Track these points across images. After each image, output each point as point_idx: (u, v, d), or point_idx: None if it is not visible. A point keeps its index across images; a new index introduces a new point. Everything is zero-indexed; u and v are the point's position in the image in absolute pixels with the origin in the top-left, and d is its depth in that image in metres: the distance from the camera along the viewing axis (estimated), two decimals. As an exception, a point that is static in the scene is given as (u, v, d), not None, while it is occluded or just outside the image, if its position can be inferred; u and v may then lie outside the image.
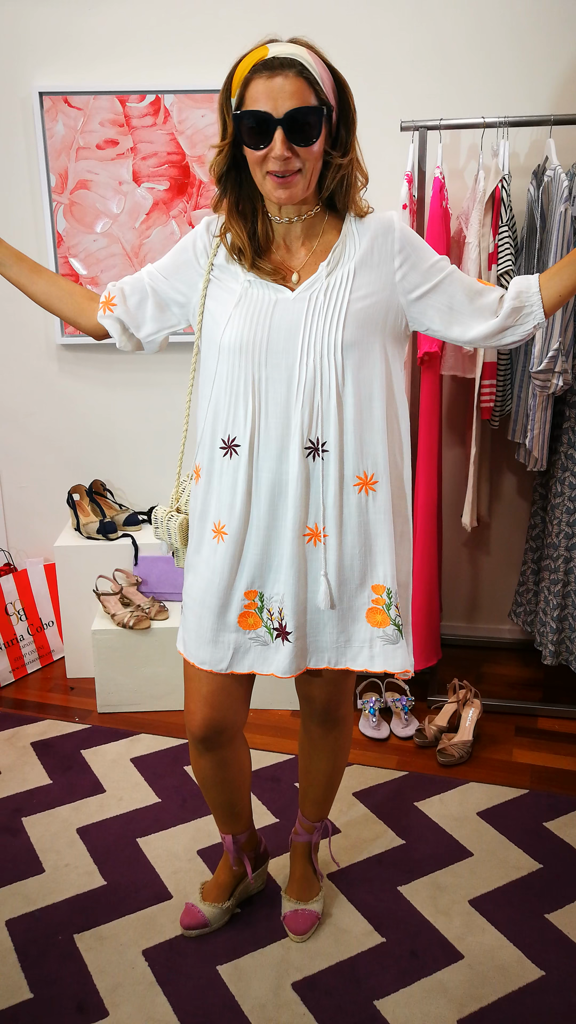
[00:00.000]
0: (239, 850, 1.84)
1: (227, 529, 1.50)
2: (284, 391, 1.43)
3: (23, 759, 2.45)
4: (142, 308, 1.56)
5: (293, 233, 1.46)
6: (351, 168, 1.42)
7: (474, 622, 3.10)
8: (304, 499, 1.46)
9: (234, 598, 1.54)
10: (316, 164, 1.37)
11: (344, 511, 1.48)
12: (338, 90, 1.37)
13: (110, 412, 3.01)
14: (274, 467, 1.46)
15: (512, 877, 2.00)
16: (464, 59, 2.57)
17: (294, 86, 1.29)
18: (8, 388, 3.02)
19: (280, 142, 1.31)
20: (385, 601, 1.52)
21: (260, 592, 1.53)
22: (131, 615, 2.65)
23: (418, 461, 2.52)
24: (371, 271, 1.44)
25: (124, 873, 2.01)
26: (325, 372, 1.42)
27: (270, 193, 1.38)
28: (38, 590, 3.02)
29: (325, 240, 1.46)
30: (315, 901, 1.87)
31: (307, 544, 1.49)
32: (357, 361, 1.43)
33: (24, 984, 1.72)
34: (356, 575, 1.51)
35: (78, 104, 2.69)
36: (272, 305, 1.43)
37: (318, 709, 1.70)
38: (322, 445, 1.45)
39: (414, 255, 1.46)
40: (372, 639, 1.54)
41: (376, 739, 2.54)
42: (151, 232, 2.80)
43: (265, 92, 1.30)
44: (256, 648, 1.56)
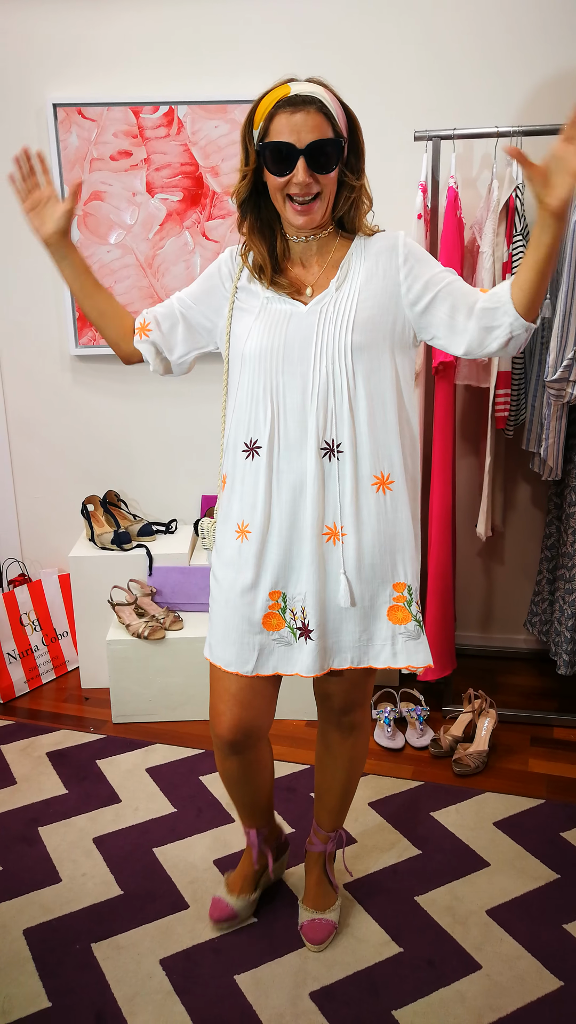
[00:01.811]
0: (263, 842, 1.90)
1: (250, 528, 1.57)
2: (300, 395, 1.52)
3: (39, 769, 2.46)
4: (173, 332, 1.67)
5: (308, 251, 1.58)
6: (360, 192, 1.55)
7: (489, 632, 3.10)
8: (321, 498, 1.53)
9: (259, 598, 1.59)
10: (332, 188, 1.50)
11: (363, 510, 1.54)
12: (349, 124, 1.51)
13: (124, 423, 3.02)
14: (293, 467, 1.54)
15: (529, 887, 1.99)
16: (477, 69, 2.58)
17: (315, 121, 1.43)
18: (23, 399, 3.04)
19: (303, 170, 1.44)
20: (407, 598, 1.58)
21: (283, 592, 1.59)
22: (146, 625, 2.66)
23: (432, 470, 2.52)
24: (377, 283, 1.53)
25: (141, 883, 2.01)
26: (337, 376, 1.51)
27: (292, 219, 1.50)
28: (52, 601, 3.03)
29: (336, 257, 1.57)
30: (331, 910, 1.86)
31: (326, 543, 1.55)
32: (367, 366, 1.51)
33: (42, 993, 1.72)
34: (378, 573, 1.57)
35: (92, 116, 2.72)
36: (288, 318, 1.54)
37: (335, 709, 1.71)
38: (337, 446, 1.52)
39: (418, 267, 1.54)
40: (394, 636, 1.59)
41: (391, 749, 2.54)
42: (165, 243, 2.82)
43: (288, 126, 1.43)
44: (280, 649, 1.60)
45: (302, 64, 2.64)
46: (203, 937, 1.85)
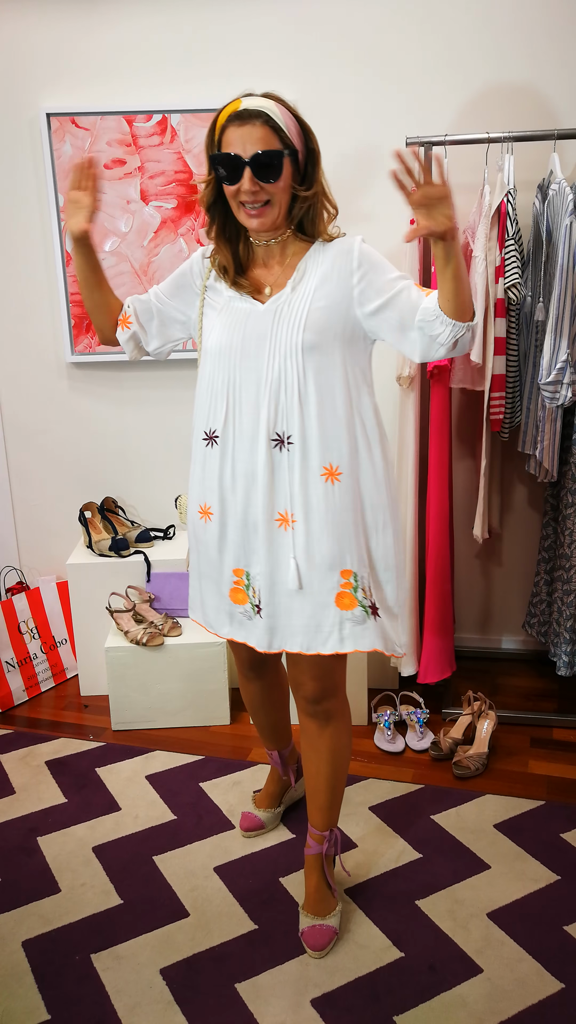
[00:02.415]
0: (284, 763, 2.16)
1: (212, 510, 1.73)
2: (254, 389, 1.64)
3: (38, 778, 2.46)
4: (150, 326, 1.83)
5: (269, 253, 1.69)
6: (317, 199, 1.63)
7: (488, 634, 3.10)
8: (271, 487, 1.65)
9: (224, 574, 1.75)
10: (283, 196, 1.59)
11: (312, 499, 1.64)
12: (304, 135, 1.61)
13: (121, 429, 3.03)
14: (247, 457, 1.66)
15: (530, 889, 1.98)
16: (468, 75, 2.59)
17: (260, 133, 1.54)
18: (19, 406, 3.04)
19: (248, 179, 1.55)
20: (353, 584, 1.67)
21: (246, 571, 1.73)
22: (144, 632, 2.66)
23: (429, 473, 2.53)
24: (331, 285, 1.63)
25: (141, 891, 2.01)
26: (288, 372, 1.62)
27: (245, 222, 1.62)
28: (51, 608, 3.03)
29: (295, 260, 1.68)
30: (332, 916, 1.86)
31: (278, 529, 1.66)
32: (317, 364, 1.62)
33: (41, 1005, 1.72)
34: (325, 560, 1.66)
35: (85, 125, 2.73)
36: (247, 316, 1.66)
37: (308, 698, 1.78)
38: (288, 438, 1.63)
39: (371, 272, 1.63)
40: (342, 622, 1.67)
41: (391, 752, 2.54)
42: (159, 250, 2.82)
43: (236, 138, 1.55)
44: (245, 621, 1.76)
45: (295, 72, 2.66)
46: (204, 946, 1.85)
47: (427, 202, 1.45)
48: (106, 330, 1.85)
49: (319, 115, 2.66)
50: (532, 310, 2.43)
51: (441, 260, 1.52)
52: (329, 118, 2.67)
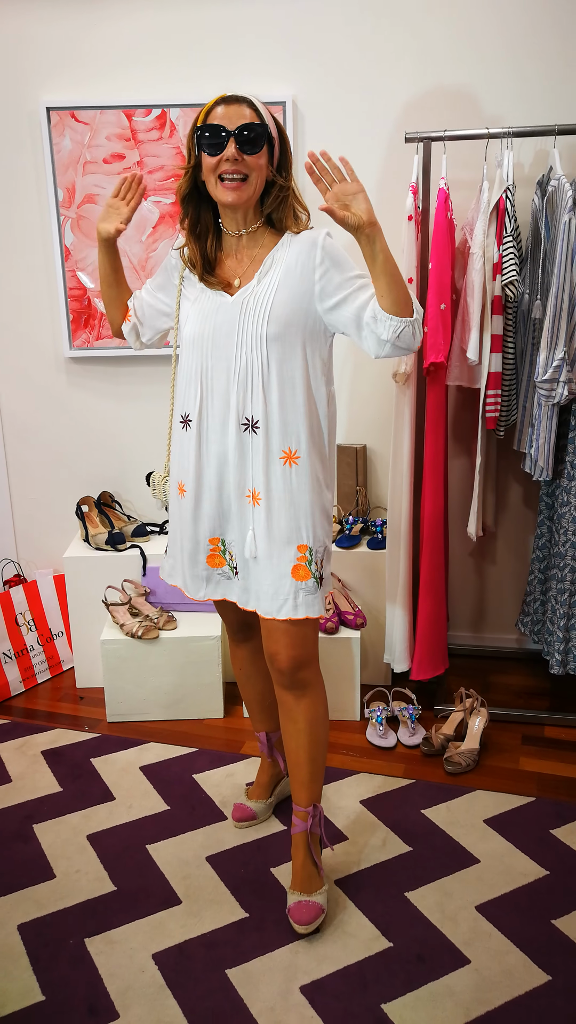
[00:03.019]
0: (272, 747, 2.21)
1: (186, 487, 1.86)
2: (224, 377, 1.76)
3: (34, 767, 2.48)
4: (144, 318, 1.98)
5: (240, 244, 1.78)
6: (289, 195, 1.74)
7: (481, 631, 3.11)
8: (240, 466, 1.78)
9: (200, 543, 1.88)
10: (259, 175, 1.69)
11: (272, 479, 1.77)
12: (279, 136, 1.72)
13: (118, 424, 3.04)
14: (219, 439, 1.79)
15: (519, 883, 2.00)
16: (468, 70, 2.60)
17: (246, 111, 1.66)
18: (17, 400, 3.06)
19: (231, 147, 1.64)
20: (308, 558, 1.80)
21: (222, 538, 1.87)
22: (140, 625, 2.67)
23: (424, 470, 2.54)
24: (294, 279, 1.72)
25: (134, 879, 2.03)
26: (254, 361, 1.73)
27: (221, 196, 1.69)
28: (48, 601, 3.05)
29: (263, 252, 1.77)
30: (318, 894, 1.90)
31: (248, 504, 1.80)
32: (280, 353, 1.72)
33: (36, 987, 1.74)
34: (283, 535, 1.79)
35: (85, 119, 2.74)
36: (217, 307, 1.76)
37: (284, 669, 1.85)
38: (255, 422, 1.75)
39: (333, 269, 1.71)
40: (296, 591, 1.80)
41: (383, 747, 2.55)
42: (157, 245, 2.84)
43: (223, 114, 1.66)
44: (224, 581, 1.91)
45: (293, 66, 2.67)
46: (195, 932, 1.87)
47: (342, 198, 1.58)
48: (116, 323, 2.02)
49: (316, 110, 2.69)
50: (530, 307, 2.45)
51: (367, 255, 1.61)
52: (327, 113, 2.69)
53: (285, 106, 2.66)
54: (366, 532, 2.90)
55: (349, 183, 1.58)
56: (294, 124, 2.69)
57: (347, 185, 1.58)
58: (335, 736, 2.59)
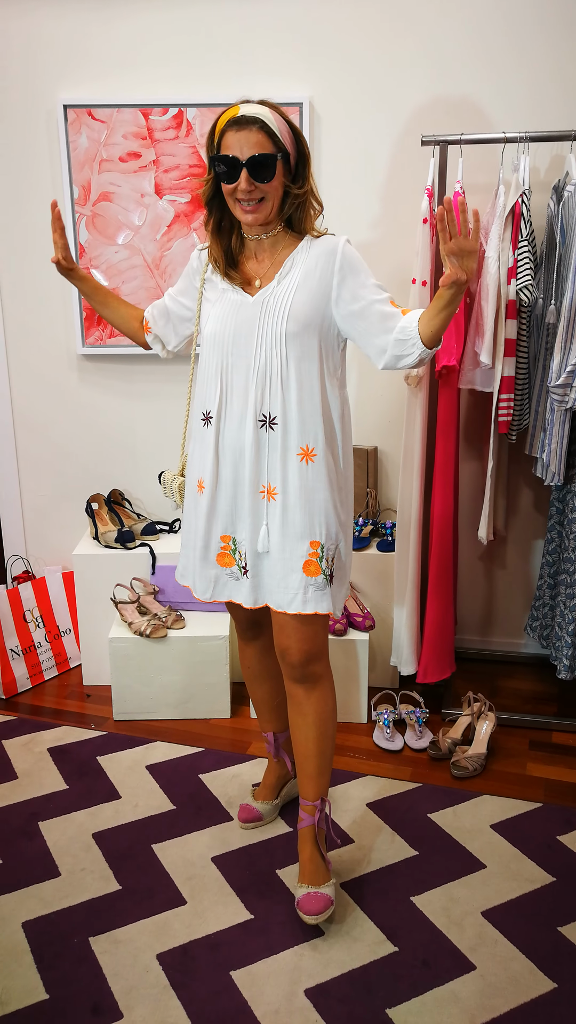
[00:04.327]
0: (279, 747, 2.22)
1: (205, 484, 1.87)
2: (244, 374, 1.80)
3: (40, 764, 2.48)
4: (167, 326, 2.01)
5: (261, 248, 1.84)
6: (306, 197, 1.78)
7: (489, 636, 3.11)
8: (256, 462, 1.81)
9: (212, 540, 1.90)
10: (276, 194, 1.75)
11: (288, 475, 1.80)
12: (295, 139, 1.75)
13: (130, 422, 3.04)
14: (236, 435, 1.82)
15: (525, 890, 2.00)
16: (485, 73, 2.60)
17: (256, 138, 1.69)
18: (29, 397, 3.06)
19: (244, 179, 1.70)
20: (319, 555, 1.83)
21: (233, 537, 1.88)
22: (148, 624, 2.67)
23: (435, 473, 2.54)
24: (313, 282, 1.77)
25: (139, 878, 2.03)
26: (273, 359, 1.77)
27: (241, 217, 1.77)
28: (56, 598, 3.05)
29: (284, 254, 1.82)
30: (327, 885, 1.90)
31: (262, 500, 1.83)
32: (298, 352, 1.77)
33: (40, 985, 1.74)
34: (297, 530, 1.81)
35: (102, 117, 2.74)
36: (238, 307, 1.81)
37: (294, 663, 1.87)
38: (272, 419, 1.79)
39: (351, 277, 1.77)
40: (306, 586, 1.82)
41: (390, 751, 2.55)
42: (172, 244, 2.84)
43: (234, 142, 1.69)
44: (231, 582, 1.91)
45: (309, 68, 2.67)
46: (200, 933, 1.87)
47: (459, 253, 1.61)
48: (135, 337, 2.06)
49: (333, 111, 2.69)
50: (544, 312, 2.44)
51: (444, 301, 1.67)
52: (343, 115, 2.69)
53: (302, 107, 2.66)
54: (376, 534, 2.90)
55: (471, 240, 1.61)
56: (311, 125, 2.69)
57: (469, 242, 1.61)
58: (342, 739, 2.59)
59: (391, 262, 2.65)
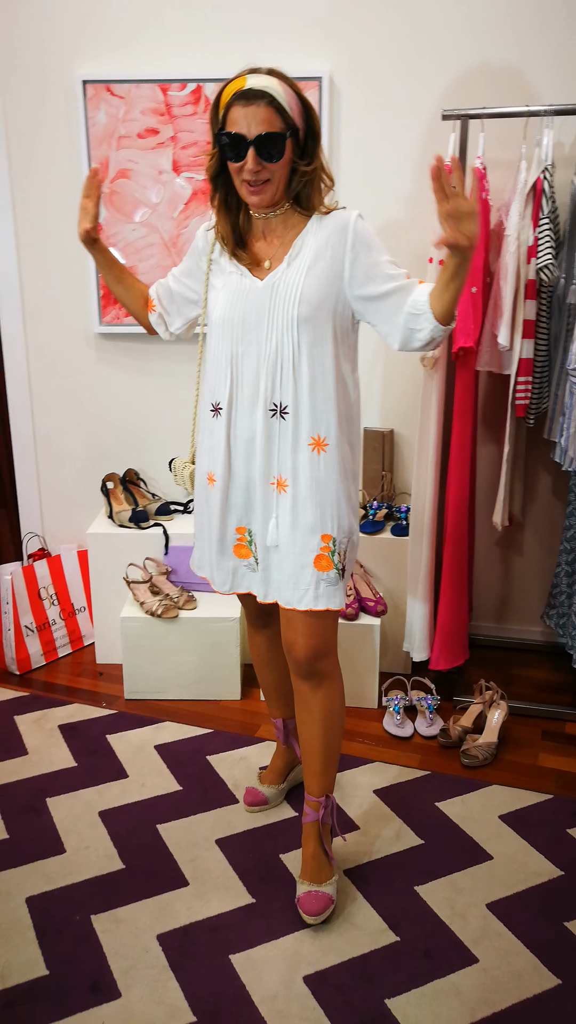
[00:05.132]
0: (288, 733, 2.20)
1: (216, 477, 1.83)
2: (254, 362, 1.73)
3: (50, 741, 2.49)
4: (171, 307, 1.94)
5: (269, 226, 1.75)
6: (316, 174, 1.69)
7: (505, 623, 3.06)
8: (267, 453, 1.75)
9: (227, 533, 1.86)
10: (283, 173, 1.66)
11: (299, 466, 1.74)
12: (305, 112, 1.65)
13: (146, 401, 3.03)
14: (247, 425, 1.76)
15: (532, 883, 1.97)
16: (509, 46, 2.51)
17: (264, 114, 1.58)
18: (47, 375, 3.06)
19: (251, 159, 1.61)
20: (331, 549, 1.77)
21: (248, 528, 1.83)
22: (160, 604, 2.67)
23: (450, 457, 2.49)
24: (324, 262, 1.69)
25: (143, 858, 2.03)
26: (284, 345, 1.70)
27: (245, 198, 1.69)
28: (71, 576, 3.06)
29: (293, 233, 1.73)
30: (328, 884, 1.88)
31: (272, 491, 1.77)
32: (311, 337, 1.69)
33: (41, 960, 1.75)
34: (308, 523, 1.75)
35: (120, 92, 2.70)
36: (246, 292, 1.73)
37: (300, 659, 1.82)
38: (283, 408, 1.72)
39: (364, 254, 1.68)
40: (318, 582, 1.77)
41: (399, 737, 2.53)
42: (189, 222, 2.80)
43: (241, 118, 1.59)
44: (248, 573, 1.87)
45: (329, 42, 2.60)
46: (201, 915, 1.87)
47: (456, 215, 1.50)
48: (140, 316, 1.99)
49: (353, 86, 2.63)
50: (565, 292, 2.37)
51: (450, 272, 1.57)
52: (363, 89, 2.62)
53: (321, 82, 2.60)
54: (391, 518, 2.86)
55: (468, 201, 1.51)
56: (330, 100, 2.62)
57: (466, 203, 1.50)
58: (352, 723, 2.57)
59: (412, 240, 2.59)
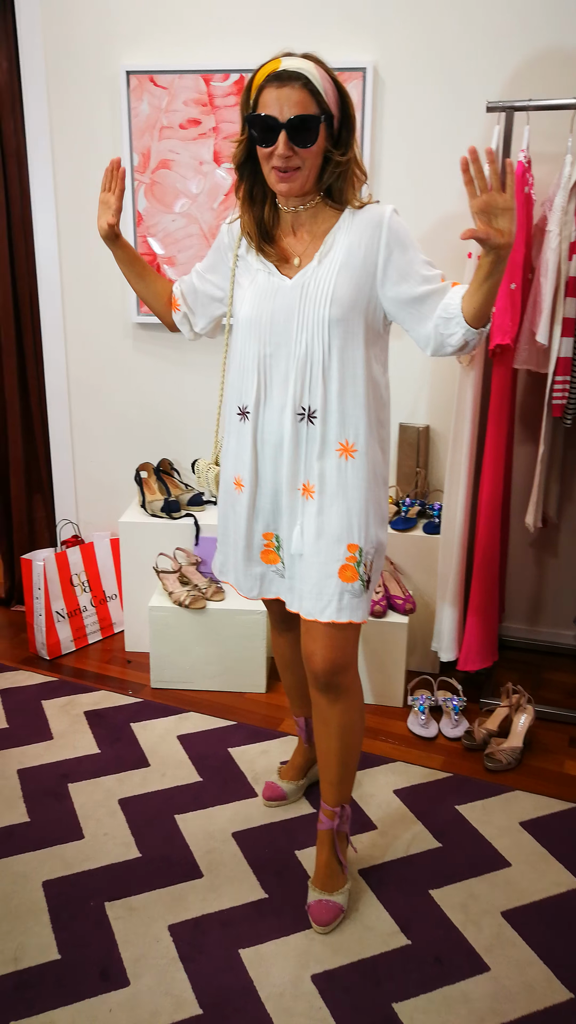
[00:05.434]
0: (310, 732, 2.17)
1: (244, 482, 1.78)
2: (283, 365, 1.68)
3: (75, 727, 2.53)
4: (196, 305, 1.88)
5: (298, 221, 1.68)
6: (349, 165, 1.61)
7: (537, 625, 3.01)
8: (295, 458, 1.70)
9: (255, 539, 1.81)
10: (315, 162, 1.58)
11: (327, 472, 1.69)
12: (340, 99, 1.58)
13: (181, 392, 3.03)
14: (275, 429, 1.71)
15: (550, 892, 1.93)
16: (555, 35, 2.44)
17: (299, 96, 1.51)
18: (84, 364, 3.08)
19: (283, 143, 1.53)
20: (357, 559, 1.71)
21: (276, 534, 1.79)
22: (188, 594, 2.68)
23: (484, 456, 2.44)
24: (357, 260, 1.62)
25: (159, 848, 2.05)
26: (315, 347, 1.64)
27: (274, 185, 1.60)
28: (103, 563, 3.09)
29: (324, 228, 1.66)
30: (340, 893, 1.86)
31: (300, 497, 1.73)
32: (342, 339, 1.63)
33: (54, 945, 1.78)
34: (334, 532, 1.70)
35: (163, 83, 2.70)
36: (275, 292, 1.67)
37: (318, 671, 1.76)
38: (311, 412, 1.67)
39: (398, 252, 1.61)
40: (342, 593, 1.71)
41: (423, 737, 2.50)
42: (228, 213, 2.78)
43: (274, 100, 1.52)
44: (277, 579, 1.83)
45: (377, 30, 2.56)
46: (213, 908, 1.88)
47: (489, 210, 1.42)
48: (163, 315, 1.93)
49: (399, 76, 2.58)
50: (608, 292, 2.30)
51: (485, 271, 1.49)
52: (409, 80, 2.58)
53: (365, 72, 2.56)
54: (423, 515, 2.82)
55: (504, 196, 1.42)
56: (374, 92, 2.58)
57: (501, 198, 1.41)
58: (376, 722, 2.55)
59: (453, 236, 2.54)
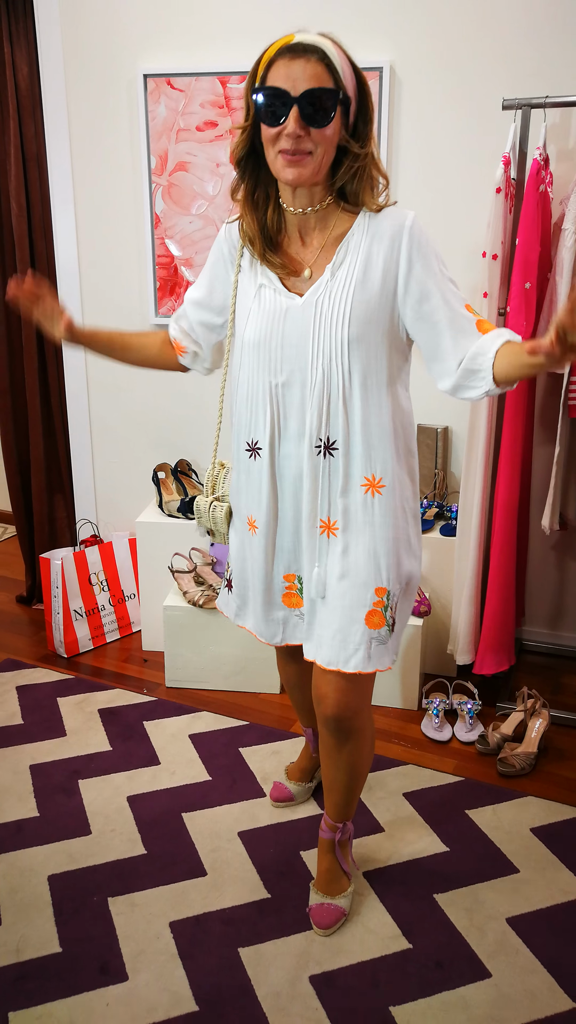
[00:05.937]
0: (317, 742, 2.11)
1: (258, 523, 1.64)
2: (299, 394, 1.52)
3: (89, 724, 2.55)
4: (199, 345, 1.71)
5: (307, 225, 1.49)
6: (367, 163, 1.44)
7: (557, 630, 2.96)
8: (315, 493, 1.56)
9: (275, 582, 1.68)
10: (328, 149, 1.39)
11: (351, 510, 1.55)
12: (358, 86, 1.41)
13: (200, 392, 3.05)
14: (293, 463, 1.56)
15: (557, 900, 1.90)
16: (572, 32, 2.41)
17: (314, 69, 1.33)
18: (104, 366, 3.11)
19: (294, 120, 1.33)
20: (384, 603, 1.58)
21: (298, 575, 1.65)
22: (202, 594, 2.69)
23: (500, 457, 2.41)
24: (376, 272, 1.46)
25: (165, 845, 2.06)
26: (334, 373, 1.48)
27: (280, 172, 1.40)
28: (122, 563, 3.12)
29: (337, 234, 1.48)
30: (342, 897, 1.85)
31: (320, 536, 1.58)
32: (363, 362, 1.47)
33: (55, 938, 1.80)
34: (361, 575, 1.56)
35: (180, 86, 2.72)
36: (284, 313, 1.49)
37: (329, 715, 1.64)
38: (331, 444, 1.52)
39: (419, 265, 1.44)
40: (369, 640, 1.58)
41: (437, 741, 2.47)
42: (246, 214, 2.80)
43: (285, 72, 1.34)
44: (300, 624, 1.69)
45: (393, 29, 2.54)
46: (215, 906, 1.88)
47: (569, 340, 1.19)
48: (167, 364, 1.76)
49: (417, 75, 2.56)
50: (626, 290, 2.26)
51: (531, 365, 1.34)
52: (427, 78, 2.56)
53: (382, 72, 2.55)
54: (441, 517, 2.80)
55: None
56: (391, 91, 2.57)
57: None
58: (390, 725, 2.53)
59: (469, 235, 2.52)
